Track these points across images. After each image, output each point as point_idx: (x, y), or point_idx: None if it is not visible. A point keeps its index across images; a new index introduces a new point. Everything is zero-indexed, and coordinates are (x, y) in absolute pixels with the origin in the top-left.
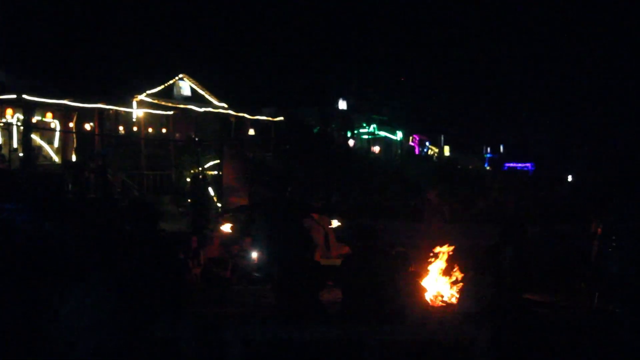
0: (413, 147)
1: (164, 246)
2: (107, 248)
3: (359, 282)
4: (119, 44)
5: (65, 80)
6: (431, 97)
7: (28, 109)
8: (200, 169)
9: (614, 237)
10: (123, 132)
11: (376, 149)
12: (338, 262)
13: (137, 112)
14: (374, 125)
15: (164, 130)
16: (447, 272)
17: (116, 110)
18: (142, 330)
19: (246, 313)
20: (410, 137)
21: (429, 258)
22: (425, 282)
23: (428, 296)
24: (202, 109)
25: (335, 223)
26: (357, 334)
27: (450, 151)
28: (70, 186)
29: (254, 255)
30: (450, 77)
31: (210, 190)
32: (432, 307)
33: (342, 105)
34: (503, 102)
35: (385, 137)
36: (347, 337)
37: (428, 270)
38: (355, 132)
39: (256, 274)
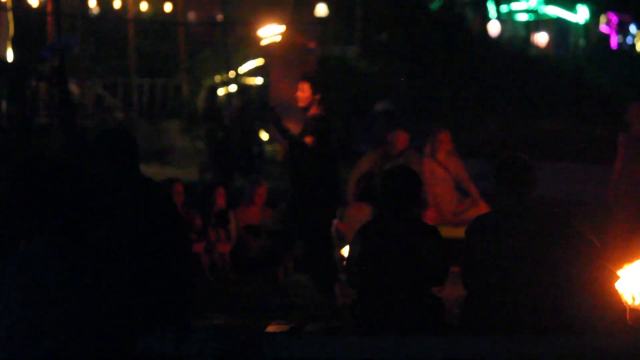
0: (607, 36)
1: (161, 204)
2: (60, 205)
3: (496, 266)
4: None
5: None
6: None
7: None
8: (231, 74)
9: None
10: (97, 10)
11: (541, 38)
12: (459, 232)
13: None
14: None
15: (168, 8)
16: None
17: None
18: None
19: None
20: (603, 18)
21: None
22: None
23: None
24: None
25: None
26: (496, 350)
27: None
28: (4, 105)
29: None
30: None
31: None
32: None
33: None
34: None
35: (558, 18)
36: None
37: (620, 250)
38: (504, 8)
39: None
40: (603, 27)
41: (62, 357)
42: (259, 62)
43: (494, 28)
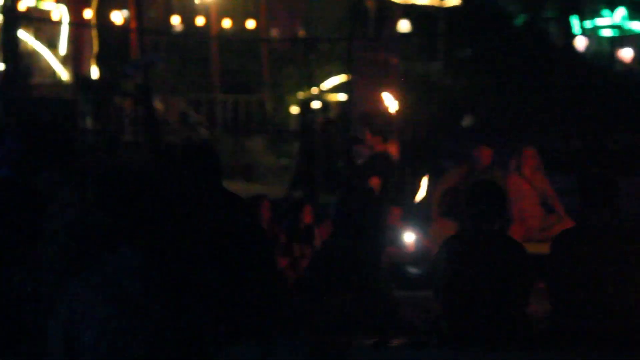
0: None
1: (245, 218)
2: (144, 216)
3: (583, 281)
4: None
5: None
6: None
7: None
8: (315, 90)
9: None
10: (181, 26)
11: (626, 54)
12: (545, 248)
13: None
14: (622, 12)
15: (251, 24)
16: None
17: None
18: None
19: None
20: None
21: None
22: None
23: None
24: None
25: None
26: None
27: None
28: (89, 121)
29: (410, 238)
30: None
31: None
32: None
33: None
34: None
35: None
36: None
37: None
38: (587, 24)
39: (413, 270)
40: None
41: None
42: (342, 78)
43: (580, 43)
